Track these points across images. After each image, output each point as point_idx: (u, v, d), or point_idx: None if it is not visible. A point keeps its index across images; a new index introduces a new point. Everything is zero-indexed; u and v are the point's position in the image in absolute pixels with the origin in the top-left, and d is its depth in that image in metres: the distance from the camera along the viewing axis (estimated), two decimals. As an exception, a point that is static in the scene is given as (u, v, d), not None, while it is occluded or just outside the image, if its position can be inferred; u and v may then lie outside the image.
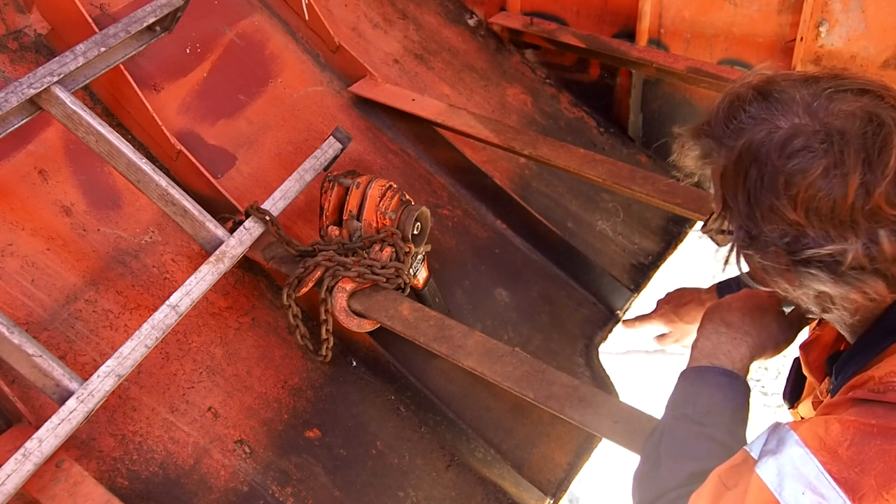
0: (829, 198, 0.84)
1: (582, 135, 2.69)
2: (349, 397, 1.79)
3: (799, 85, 0.91)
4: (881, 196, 0.82)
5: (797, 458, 0.85)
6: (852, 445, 0.83)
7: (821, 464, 0.83)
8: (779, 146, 0.87)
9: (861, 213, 0.83)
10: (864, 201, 0.83)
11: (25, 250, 1.63)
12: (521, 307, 2.14)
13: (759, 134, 0.89)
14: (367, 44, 2.49)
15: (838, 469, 0.82)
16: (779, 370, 4.07)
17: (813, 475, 0.83)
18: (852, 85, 0.88)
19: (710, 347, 1.15)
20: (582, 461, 1.81)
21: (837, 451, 0.84)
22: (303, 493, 1.63)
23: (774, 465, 0.86)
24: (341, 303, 1.64)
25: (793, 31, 2.30)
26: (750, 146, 0.90)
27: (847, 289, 0.89)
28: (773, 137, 0.88)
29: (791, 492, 0.83)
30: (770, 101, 0.91)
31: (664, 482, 1.01)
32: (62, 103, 1.62)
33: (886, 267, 0.86)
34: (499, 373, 1.47)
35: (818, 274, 0.89)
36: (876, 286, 0.88)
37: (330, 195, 1.77)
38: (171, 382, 1.64)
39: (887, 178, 0.82)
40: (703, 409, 1.07)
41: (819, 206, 0.85)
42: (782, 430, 0.91)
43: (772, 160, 0.87)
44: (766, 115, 0.90)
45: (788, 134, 0.87)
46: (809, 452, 0.85)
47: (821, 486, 0.82)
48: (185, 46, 2.06)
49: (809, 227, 0.86)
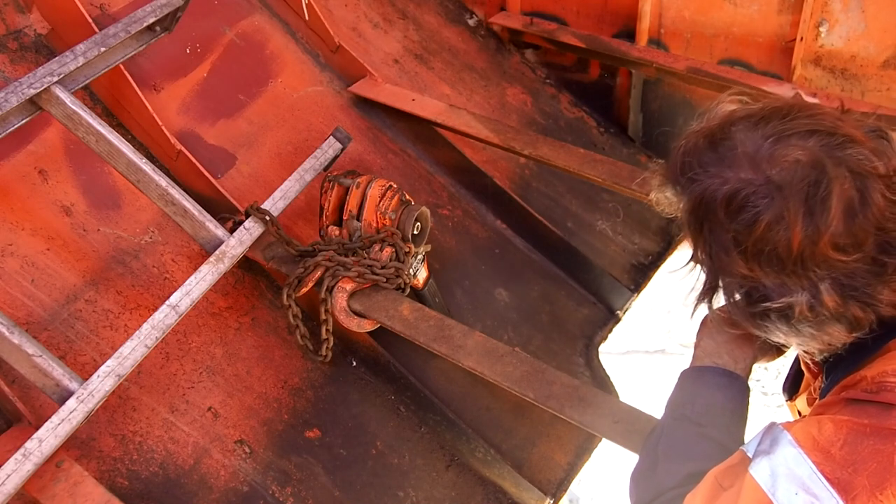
0: (776, 250, 0.85)
1: (582, 135, 2.69)
2: (349, 397, 1.79)
3: (749, 129, 0.90)
4: (827, 244, 0.83)
5: (790, 459, 0.85)
6: (845, 445, 0.83)
7: (814, 464, 0.83)
8: (724, 203, 0.88)
9: (811, 261, 0.84)
10: (811, 251, 0.83)
11: (25, 250, 1.63)
12: (521, 307, 2.14)
13: (709, 187, 0.90)
14: (367, 44, 2.48)
15: (831, 469, 0.82)
16: (778, 370, 4.06)
17: (806, 475, 0.83)
18: (800, 126, 0.88)
19: (713, 346, 1.14)
20: (582, 461, 1.81)
21: (830, 452, 0.84)
22: (303, 493, 1.63)
23: (768, 466, 0.86)
24: (341, 303, 1.63)
25: (793, 31, 2.30)
26: (701, 200, 0.91)
27: (803, 338, 0.91)
28: (721, 192, 0.88)
29: (784, 492, 0.83)
30: (718, 153, 0.91)
31: (661, 482, 1.01)
32: (62, 103, 1.62)
33: (838, 315, 0.87)
34: (499, 373, 1.47)
35: (776, 324, 0.91)
36: (833, 331, 0.89)
37: (330, 195, 1.77)
38: (171, 382, 1.64)
39: (831, 226, 0.82)
40: (702, 409, 1.07)
41: (768, 258, 0.85)
42: (776, 430, 0.91)
43: (719, 216, 0.88)
44: (714, 168, 0.90)
45: (733, 189, 0.87)
46: (803, 453, 0.85)
47: (814, 486, 0.82)
48: (185, 46, 2.06)
49: (764, 278, 0.88)
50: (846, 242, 0.83)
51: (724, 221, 0.88)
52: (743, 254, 0.87)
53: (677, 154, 0.96)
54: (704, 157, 0.92)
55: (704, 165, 0.91)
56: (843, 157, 0.84)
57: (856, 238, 0.83)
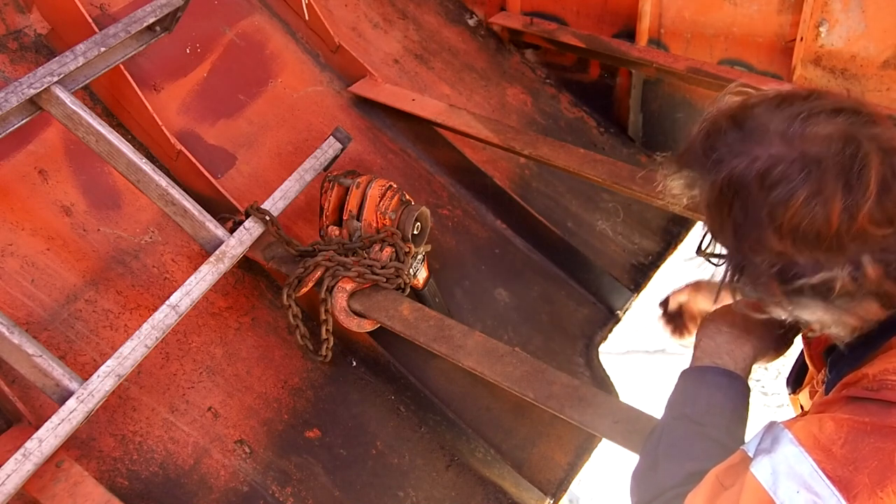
0: (814, 225, 0.83)
1: (582, 135, 2.69)
2: (349, 397, 1.79)
3: (773, 110, 0.90)
4: (865, 218, 0.82)
5: (791, 457, 0.85)
6: (846, 443, 0.83)
7: (815, 462, 0.83)
8: (758, 178, 0.86)
9: (847, 237, 0.83)
10: (848, 225, 0.82)
11: (25, 250, 1.63)
12: (521, 307, 2.14)
13: (738, 166, 0.88)
14: (367, 44, 2.49)
15: (832, 467, 0.82)
16: (779, 370, 4.06)
17: (807, 474, 0.83)
18: (825, 106, 0.87)
19: (713, 347, 1.15)
20: (582, 461, 1.81)
21: (831, 450, 0.83)
22: (303, 493, 1.63)
23: (769, 464, 0.86)
24: (341, 303, 1.63)
25: (793, 31, 2.30)
26: (730, 179, 0.89)
27: (840, 314, 0.90)
28: (752, 169, 0.87)
29: (786, 491, 0.83)
30: (745, 131, 0.90)
31: (662, 482, 1.01)
32: (62, 103, 1.62)
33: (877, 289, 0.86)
34: (499, 373, 1.47)
35: (810, 302, 0.89)
36: (869, 308, 0.89)
37: (330, 195, 1.77)
38: (171, 382, 1.64)
39: (869, 199, 0.82)
40: (703, 408, 1.07)
41: (804, 235, 0.84)
42: (777, 428, 0.91)
43: (753, 193, 0.87)
44: (742, 146, 0.89)
45: (767, 165, 0.86)
46: (804, 451, 0.85)
47: (815, 484, 0.82)
48: (185, 46, 2.06)
49: (798, 255, 0.86)
50: (881, 217, 0.82)
51: (757, 199, 0.86)
52: (777, 231, 0.85)
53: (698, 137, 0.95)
54: (730, 137, 0.91)
55: (730, 145, 0.90)
56: (872, 134, 0.84)
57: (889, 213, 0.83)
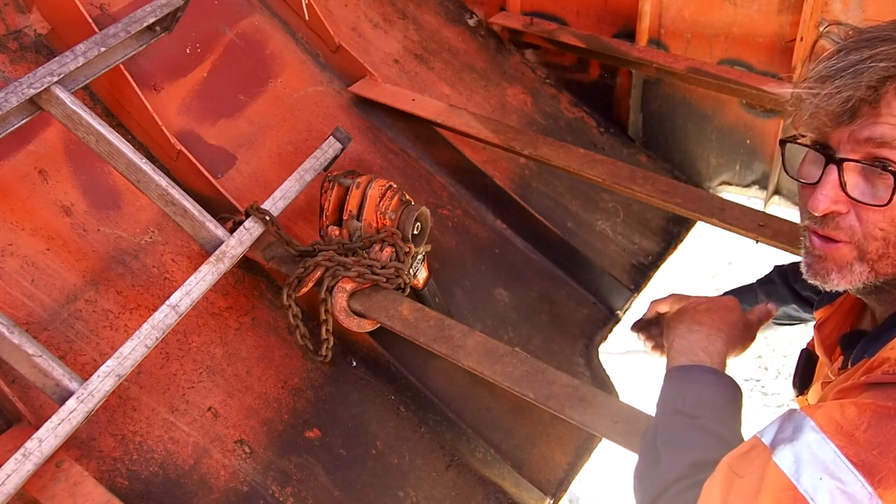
0: None
1: (582, 135, 2.69)
2: (349, 397, 1.79)
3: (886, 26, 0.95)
4: None
5: (813, 444, 0.84)
6: (869, 428, 0.82)
7: (837, 448, 0.82)
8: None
9: None
10: None
11: (25, 250, 1.63)
12: (521, 307, 2.14)
13: None
14: (367, 44, 2.49)
15: (855, 452, 0.81)
16: (779, 370, 4.06)
17: (830, 459, 0.82)
18: None
19: (687, 346, 1.19)
20: (582, 461, 1.81)
21: (854, 435, 0.82)
22: (303, 493, 1.63)
23: (791, 452, 0.85)
24: (341, 303, 1.63)
25: (793, 31, 2.30)
26: None
27: None
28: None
29: (809, 478, 0.82)
30: None
31: (666, 475, 1.01)
32: (62, 103, 1.62)
33: None
34: (499, 373, 1.47)
35: None
36: None
37: (330, 195, 1.77)
38: (171, 382, 1.64)
39: None
40: (693, 402, 1.09)
41: None
42: (798, 416, 0.90)
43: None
44: None
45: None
46: (826, 437, 0.84)
47: (838, 470, 0.81)
48: (185, 46, 2.06)
49: None
50: None
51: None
52: None
53: (833, 49, 0.97)
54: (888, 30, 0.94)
55: None
56: None
57: None
